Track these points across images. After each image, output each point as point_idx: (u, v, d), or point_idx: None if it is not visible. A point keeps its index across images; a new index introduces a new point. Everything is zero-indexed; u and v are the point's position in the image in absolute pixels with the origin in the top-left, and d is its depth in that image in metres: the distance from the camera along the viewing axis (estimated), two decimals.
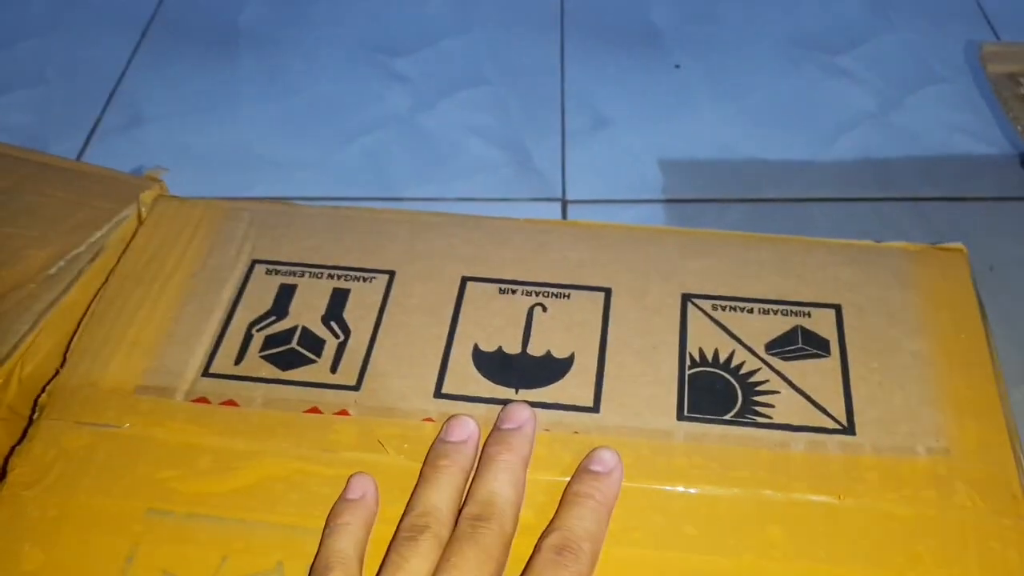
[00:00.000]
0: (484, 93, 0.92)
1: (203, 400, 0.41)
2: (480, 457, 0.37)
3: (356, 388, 0.41)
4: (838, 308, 0.44)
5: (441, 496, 0.35)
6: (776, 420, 0.40)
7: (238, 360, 0.43)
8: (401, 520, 0.35)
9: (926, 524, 0.36)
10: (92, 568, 0.35)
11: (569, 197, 0.81)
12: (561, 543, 0.34)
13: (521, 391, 0.41)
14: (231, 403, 0.41)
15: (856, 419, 0.40)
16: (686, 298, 0.45)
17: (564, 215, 0.79)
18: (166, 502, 0.37)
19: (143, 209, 0.49)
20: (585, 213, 0.78)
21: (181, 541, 0.36)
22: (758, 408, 0.40)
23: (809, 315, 0.44)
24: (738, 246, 0.47)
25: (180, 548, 0.36)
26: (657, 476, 0.38)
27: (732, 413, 0.40)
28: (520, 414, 0.38)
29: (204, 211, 0.49)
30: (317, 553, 0.35)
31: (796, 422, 0.40)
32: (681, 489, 0.38)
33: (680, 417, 0.40)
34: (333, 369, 0.42)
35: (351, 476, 0.37)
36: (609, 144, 0.86)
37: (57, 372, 0.42)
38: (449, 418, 0.39)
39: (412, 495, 0.36)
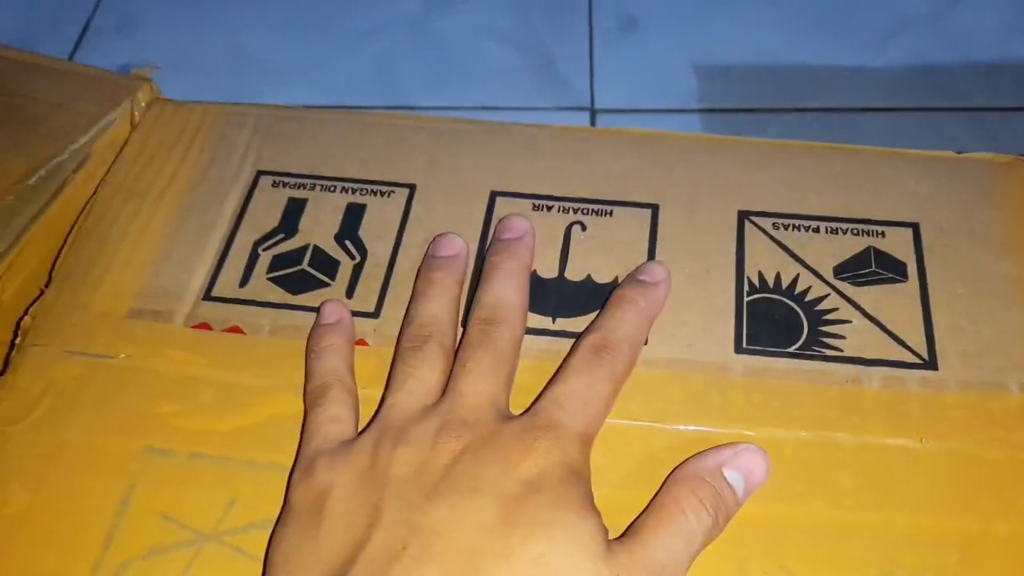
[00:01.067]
0: None
1: (205, 326, 0.37)
2: (484, 266, 0.37)
3: (375, 315, 0.37)
4: (916, 227, 0.39)
5: (439, 306, 0.35)
6: (847, 353, 0.35)
7: (243, 282, 0.38)
8: (400, 333, 0.35)
9: (1020, 469, 0.32)
10: (83, 511, 0.32)
11: (598, 106, 0.75)
12: (600, 343, 0.33)
13: (559, 319, 0.37)
14: (235, 330, 0.37)
15: (938, 352, 0.35)
16: (743, 215, 0.40)
17: (593, 125, 0.73)
18: (166, 440, 0.33)
19: (136, 113, 0.44)
20: (615, 123, 0.72)
21: (183, 483, 0.32)
22: (826, 339, 0.36)
23: (883, 235, 0.39)
24: (801, 157, 0.42)
25: (182, 490, 0.32)
26: (713, 416, 0.34)
27: (797, 345, 0.36)
28: (520, 224, 0.38)
29: (203, 116, 0.44)
30: (306, 379, 0.34)
31: (870, 355, 0.35)
32: (740, 432, 0.34)
33: (738, 350, 0.36)
34: (349, 293, 0.38)
35: (323, 303, 0.36)
36: (640, 48, 0.79)
37: (42, 292, 0.38)
38: (436, 236, 0.38)
39: (408, 309, 0.36)
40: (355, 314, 0.37)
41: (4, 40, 0.64)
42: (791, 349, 0.36)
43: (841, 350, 0.36)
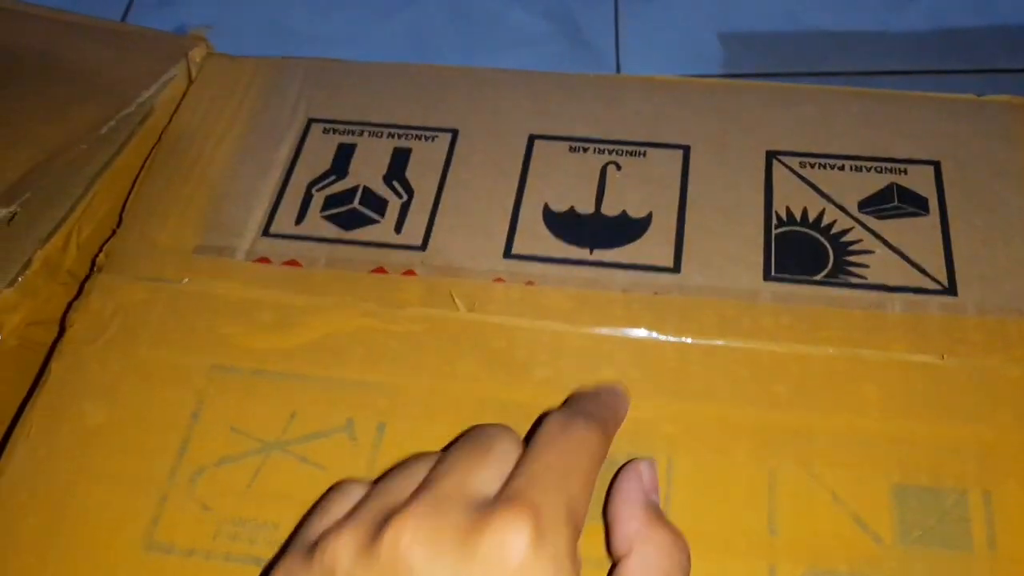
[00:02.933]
0: None
1: (264, 260, 0.39)
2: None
3: (422, 248, 0.39)
4: (937, 164, 0.41)
5: None
6: (871, 280, 0.37)
7: (299, 220, 0.41)
8: None
9: None
10: (157, 424, 0.34)
11: (623, 72, 0.77)
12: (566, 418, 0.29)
13: (596, 251, 0.39)
14: (293, 263, 0.39)
15: (958, 278, 0.37)
16: (771, 155, 0.42)
17: None
18: (230, 358, 0.36)
19: (192, 68, 0.46)
20: None
21: (247, 397, 0.35)
22: (851, 268, 0.38)
23: (905, 172, 0.41)
24: (826, 100, 0.44)
25: (246, 404, 0.35)
26: (742, 334, 0.36)
27: (823, 274, 0.38)
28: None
29: (256, 68, 0.46)
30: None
31: (892, 282, 0.37)
32: (768, 346, 0.36)
33: (767, 277, 0.38)
34: (398, 229, 0.40)
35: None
36: (666, 14, 0.81)
37: (113, 232, 0.40)
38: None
39: None
40: (403, 247, 0.39)
41: None
42: (817, 277, 0.38)
43: (865, 278, 0.37)
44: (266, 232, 0.40)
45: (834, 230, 0.39)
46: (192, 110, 0.45)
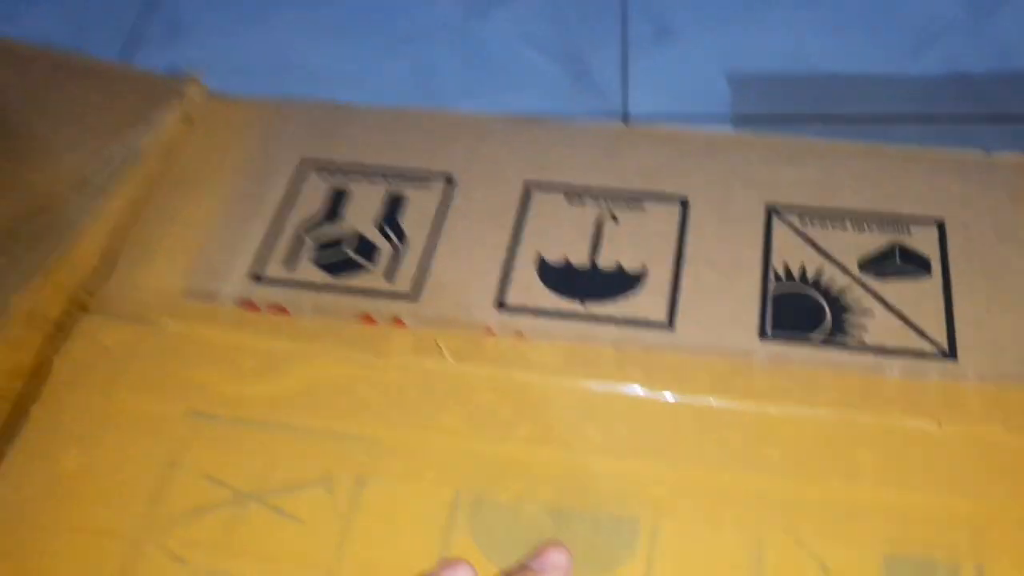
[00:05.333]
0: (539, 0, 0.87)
1: (250, 305, 0.39)
2: None
3: (413, 298, 0.39)
4: (941, 224, 0.40)
5: None
6: (869, 342, 0.36)
7: (288, 265, 0.40)
8: None
9: None
10: (132, 471, 0.34)
11: (630, 112, 0.76)
12: None
13: (589, 304, 0.38)
14: (280, 309, 0.38)
15: (959, 343, 0.36)
16: (771, 210, 0.41)
17: None
18: (210, 405, 0.35)
19: (189, 109, 0.46)
20: None
21: (225, 446, 0.34)
22: (849, 329, 0.37)
23: (909, 231, 0.40)
24: (830, 155, 0.43)
25: (223, 452, 0.34)
26: (735, 395, 0.35)
27: (820, 334, 0.37)
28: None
29: (253, 110, 0.46)
30: None
31: (891, 345, 0.36)
32: (760, 408, 0.35)
33: (762, 337, 0.37)
34: (388, 277, 0.40)
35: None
36: (673, 55, 0.80)
37: (101, 276, 0.40)
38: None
39: None
40: (394, 296, 0.39)
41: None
42: (814, 338, 0.37)
43: (863, 340, 0.37)
44: (255, 277, 0.40)
45: (833, 290, 0.38)
46: (187, 153, 0.44)
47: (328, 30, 0.86)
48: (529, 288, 0.39)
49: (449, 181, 0.43)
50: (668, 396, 0.35)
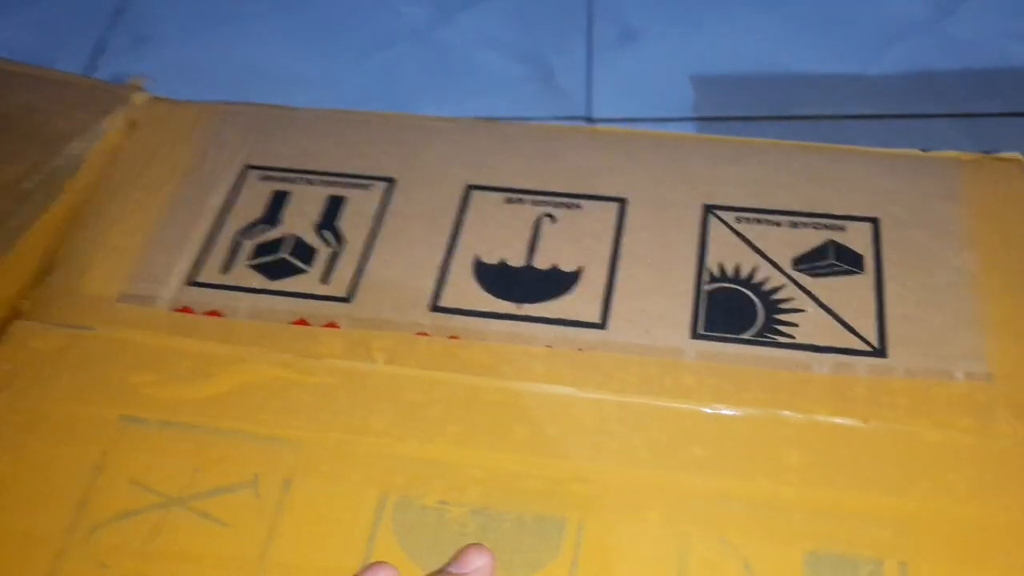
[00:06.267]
0: (506, 4, 0.87)
1: (187, 310, 0.39)
2: None
3: (347, 300, 0.39)
4: (875, 221, 0.40)
5: None
6: (799, 340, 0.36)
7: (225, 269, 0.40)
8: None
9: (960, 451, 0.33)
10: (58, 477, 0.34)
11: (594, 115, 0.76)
12: None
13: (524, 305, 0.38)
14: (215, 313, 0.38)
15: (888, 340, 0.36)
16: (708, 209, 0.41)
17: None
18: (140, 409, 0.35)
19: (132, 116, 0.46)
20: None
21: (153, 450, 0.34)
22: (780, 327, 0.37)
23: (843, 228, 0.40)
24: (769, 154, 0.43)
25: (152, 457, 0.34)
26: (663, 393, 0.35)
27: (751, 332, 0.37)
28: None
29: (198, 114, 0.46)
30: None
31: (821, 342, 0.36)
32: (689, 407, 0.35)
33: (694, 335, 0.37)
34: (324, 279, 0.40)
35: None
36: (638, 58, 0.81)
37: (38, 282, 0.40)
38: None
39: None
40: (329, 299, 0.39)
41: (19, 59, 0.67)
42: (745, 336, 0.37)
43: (793, 337, 0.37)
44: (191, 281, 0.40)
45: (766, 287, 0.38)
46: (129, 158, 0.45)
47: (294, 37, 0.86)
48: (464, 290, 0.39)
49: (390, 183, 0.43)
50: (596, 395, 0.35)
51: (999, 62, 0.77)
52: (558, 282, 0.39)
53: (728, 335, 0.37)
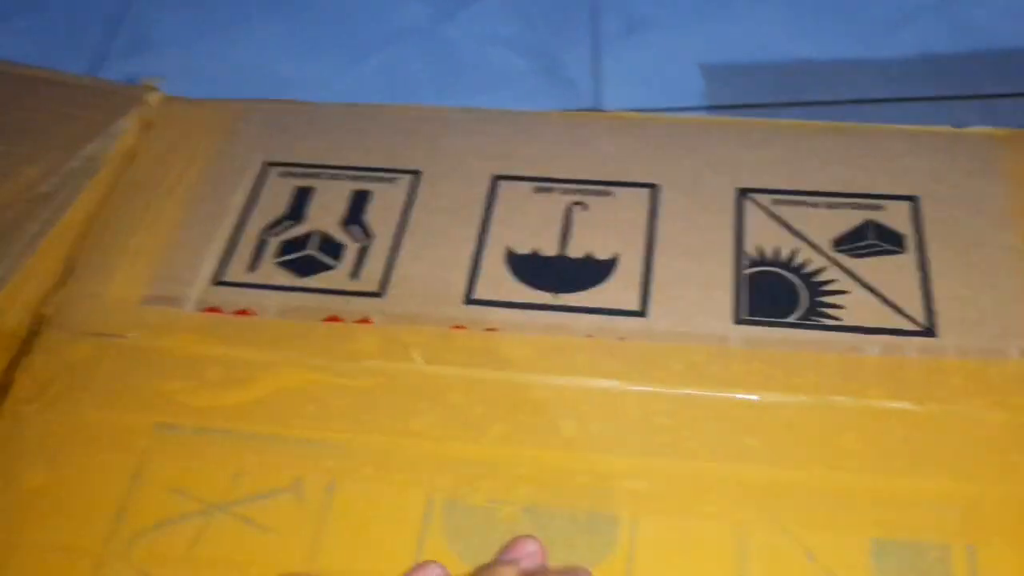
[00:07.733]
0: None
1: (215, 310, 0.38)
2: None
3: (379, 295, 0.38)
4: (915, 200, 0.39)
5: None
6: (846, 322, 0.36)
7: (252, 267, 0.39)
8: None
9: (1018, 432, 0.32)
10: (96, 486, 0.32)
11: (604, 107, 0.75)
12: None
13: (560, 295, 0.38)
14: (244, 312, 0.37)
15: (937, 319, 0.35)
16: (742, 193, 0.40)
17: None
18: (174, 416, 0.34)
19: (148, 116, 0.45)
20: None
21: (190, 457, 0.33)
22: (825, 310, 0.36)
23: (882, 208, 0.39)
24: (799, 135, 0.42)
25: (189, 464, 0.33)
26: (711, 383, 0.34)
27: (796, 316, 0.36)
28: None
29: (213, 112, 0.45)
30: None
31: (869, 324, 0.35)
32: (740, 396, 0.34)
33: (737, 321, 0.36)
34: (354, 275, 0.39)
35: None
36: (645, 49, 0.80)
37: (61, 286, 0.39)
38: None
39: None
40: (360, 294, 0.38)
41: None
42: (790, 319, 0.36)
43: (840, 319, 0.36)
44: (218, 280, 0.39)
45: (807, 269, 0.37)
46: (146, 159, 0.43)
47: (296, 38, 0.85)
48: (498, 281, 0.38)
49: (415, 176, 0.42)
50: (642, 388, 0.34)
51: (1011, 43, 0.76)
52: (594, 270, 0.38)
53: (772, 319, 0.36)
